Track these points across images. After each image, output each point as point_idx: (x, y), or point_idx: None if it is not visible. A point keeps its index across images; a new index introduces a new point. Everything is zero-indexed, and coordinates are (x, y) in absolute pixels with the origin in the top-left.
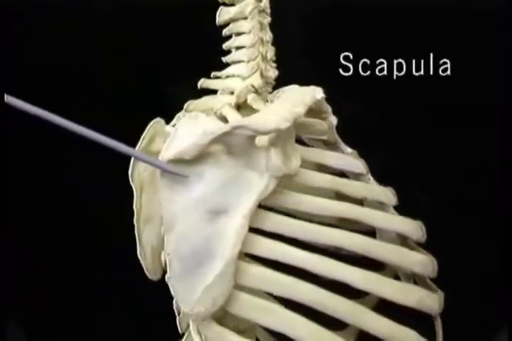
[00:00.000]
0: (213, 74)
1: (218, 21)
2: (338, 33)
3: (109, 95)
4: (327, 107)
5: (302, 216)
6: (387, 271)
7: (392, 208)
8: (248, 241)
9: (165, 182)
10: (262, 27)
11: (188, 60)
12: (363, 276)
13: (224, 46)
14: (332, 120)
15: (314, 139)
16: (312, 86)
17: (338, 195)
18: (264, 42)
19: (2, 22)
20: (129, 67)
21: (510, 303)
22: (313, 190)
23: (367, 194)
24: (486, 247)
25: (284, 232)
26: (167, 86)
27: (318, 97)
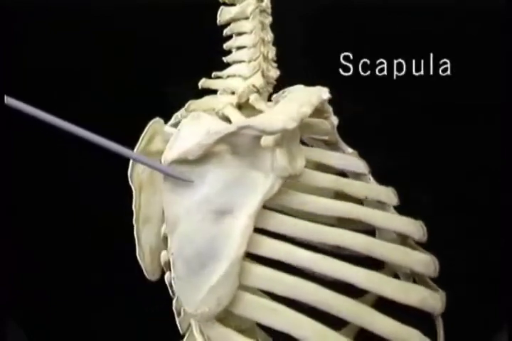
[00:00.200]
0: (214, 74)
1: (219, 21)
2: (339, 33)
3: (109, 95)
4: (328, 107)
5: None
6: (386, 271)
7: (392, 208)
8: (253, 241)
9: (168, 182)
10: (263, 27)
11: (188, 60)
12: (367, 276)
13: (225, 46)
14: (333, 120)
15: (315, 139)
16: (318, 86)
17: (337, 195)
18: (265, 42)
19: (2, 22)
20: (129, 67)
21: (510, 303)
22: (313, 190)
23: (369, 194)
24: (486, 247)
25: (289, 232)
26: (167, 86)
27: (324, 97)
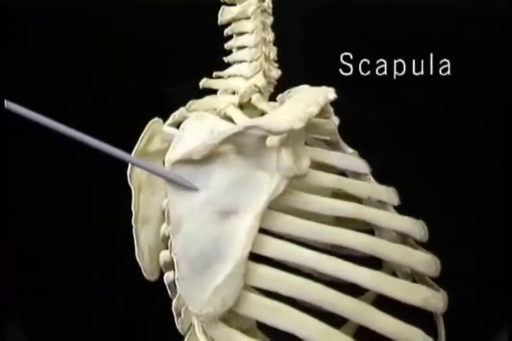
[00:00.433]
0: (215, 73)
1: (220, 21)
2: (339, 33)
3: (109, 95)
4: (329, 107)
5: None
6: (385, 270)
7: (392, 208)
8: (257, 241)
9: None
10: (265, 27)
11: (188, 60)
12: (371, 276)
13: (226, 46)
14: (334, 120)
15: (316, 139)
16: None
17: (336, 195)
18: (266, 42)
19: (2, 22)
20: (129, 67)
21: (510, 303)
22: (314, 190)
23: (371, 193)
24: (486, 247)
25: (294, 233)
26: (167, 86)
27: (330, 97)
